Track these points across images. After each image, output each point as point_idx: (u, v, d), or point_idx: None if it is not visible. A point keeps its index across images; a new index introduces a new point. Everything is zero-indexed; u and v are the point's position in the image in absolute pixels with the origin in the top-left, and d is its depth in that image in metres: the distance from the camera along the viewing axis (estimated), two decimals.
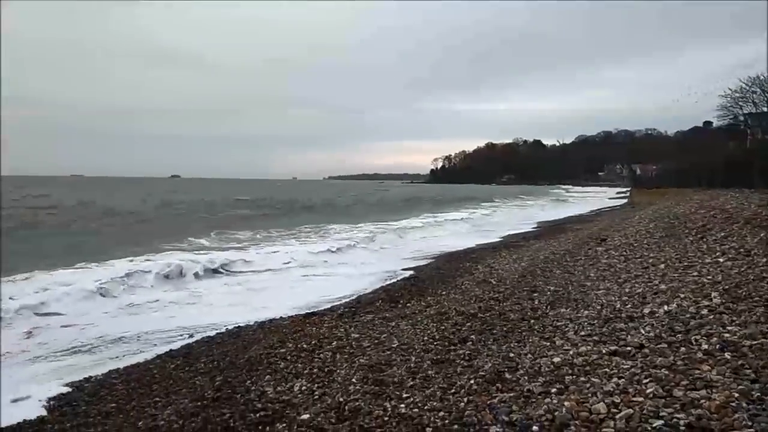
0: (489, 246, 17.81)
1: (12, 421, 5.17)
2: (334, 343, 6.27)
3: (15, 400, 5.71)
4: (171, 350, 7.41)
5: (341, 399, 4.20)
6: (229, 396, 4.85)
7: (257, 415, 4.28)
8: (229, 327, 8.38)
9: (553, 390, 3.99)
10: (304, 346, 6.30)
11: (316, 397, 4.42)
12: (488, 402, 3.93)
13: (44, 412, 5.40)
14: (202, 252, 16.61)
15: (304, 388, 4.76)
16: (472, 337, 5.78)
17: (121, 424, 5.01)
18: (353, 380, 4.58)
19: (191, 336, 8.15)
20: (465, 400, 4.01)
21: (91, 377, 6.48)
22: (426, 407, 3.96)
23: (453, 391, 4.23)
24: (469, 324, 6.39)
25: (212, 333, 8.17)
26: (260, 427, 4.05)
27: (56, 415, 5.37)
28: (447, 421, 3.71)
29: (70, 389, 6.06)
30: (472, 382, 4.34)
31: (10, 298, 9.60)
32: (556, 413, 3.58)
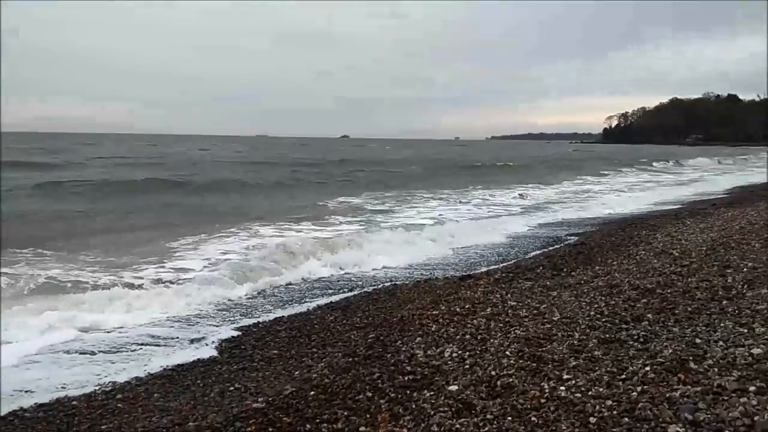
0: (669, 212, 15.98)
1: (188, 359, 5.65)
2: (489, 309, 5.94)
3: (192, 341, 6.26)
4: (331, 302, 7.66)
5: (493, 372, 3.88)
6: (380, 355, 4.79)
7: (406, 378, 4.15)
8: (386, 284, 8.46)
9: (752, 389, 3.30)
10: (458, 309, 6.06)
11: (467, 366, 4.15)
12: (667, 395, 3.36)
13: (215, 353, 5.85)
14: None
15: (454, 354, 4.52)
16: (649, 315, 5.08)
17: (280, 371, 5.23)
18: (507, 353, 4.22)
19: (351, 290, 8.37)
20: (638, 389, 3.48)
21: (259, 322, 6.91)
22: (590, 393, 3.49)
23: (624, 377, 3.70)
24: (645, 300, 5.65)
25: (370, 288, 8.32)
26: (407, 392, 3.91)
27: (225, 356, 5.78)
28: (615, 412, 3.23)
29: (240, 333, 6.50)
30: (647, 369, 3.76)
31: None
32: (757, 418, 2.94)
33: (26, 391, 4.95)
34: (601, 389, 3.54)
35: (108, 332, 6.58)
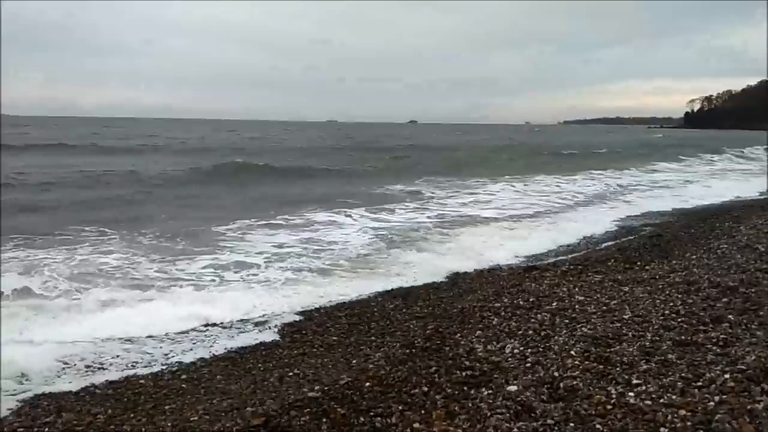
0: (756, 203, 14.90)
1: (251, 342, 5.76)
2: (555, 303, 5.70)
3: (256, 324, 6.37)
4: (392, 289, 7.60)
5: (556, 373, 3.69)
6: (438, 348, 4.68)
7: (463, 373, 4.03)
8: (449, 274, 8.27)
9: None
10: (521, 302, 5.85)
11: (528, 365, 3.98)
12: (748, 407, 3.09)
13: (278, 337, 5.93)
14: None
15: (516, 351, 4.35)
16: (730, 317, 4.70)
17: (338, 358, 5.24)
18: (572, 352, 4.01)
19: (415, 280, 8.20)
20: (716, 399, 3.21)
21: (320, 308, 6.95)
22: (662, 401, 3.26)
23: (700, 384, 3.43)
24: (725, 300, 5.24)
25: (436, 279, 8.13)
26: (465, 388, 3.79)
27: (287, 341, 5.85)
28: (689, 423, 2.99)
29: (301, 318, 6.57)
30: (726, 376, 3.47)
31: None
32: None
33: (99, 368, 5.18)
34: (674, 397, 3.29)
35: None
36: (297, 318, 6.57)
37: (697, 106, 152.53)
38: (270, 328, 6.26)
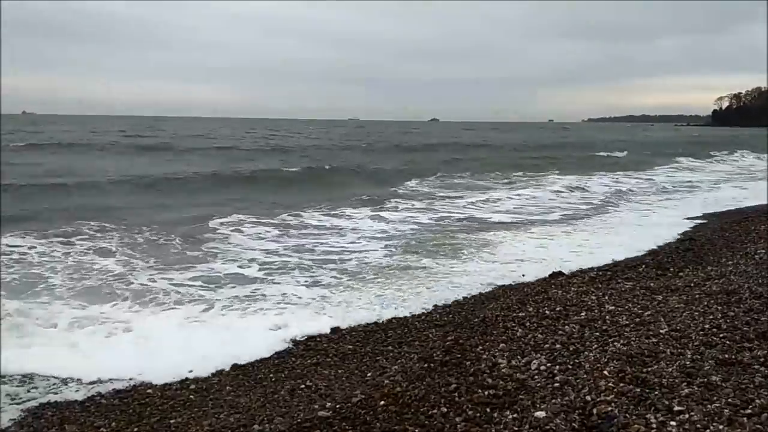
0: None
1: (258, 355, 5.45)
2: (584, 314, 5.35)
3: (272, 329, 6.08)
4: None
5: (588, 397, 3.36)
6: (458, 362, 4.39)
7: (486, 393, 3.73)
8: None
9: None
10: (547, 312, 5.52)
11: (557, 385, 3.66)
12: None
13: (291, 345, 5.69)
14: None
15: (542, 367, 4.04)
16: None
17: (353, 370, 4.98)
18: (605, 372, 3.67)
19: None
20: None
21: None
22: (708, 430, 2.93)
23: (749, 412, 3.08)
24: None
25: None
26: (487, 410, 3.50)
27: (301, 348, 5.61)
28: None
29: (317, 323, 6.31)
30: None
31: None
32: None
33: (106, 380, 4.95)
34: (721, 427, 2.96)
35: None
36: (313, 323, 6.31)
37: (725, 104, 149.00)
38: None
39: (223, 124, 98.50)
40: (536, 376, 3.91)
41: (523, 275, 7.87)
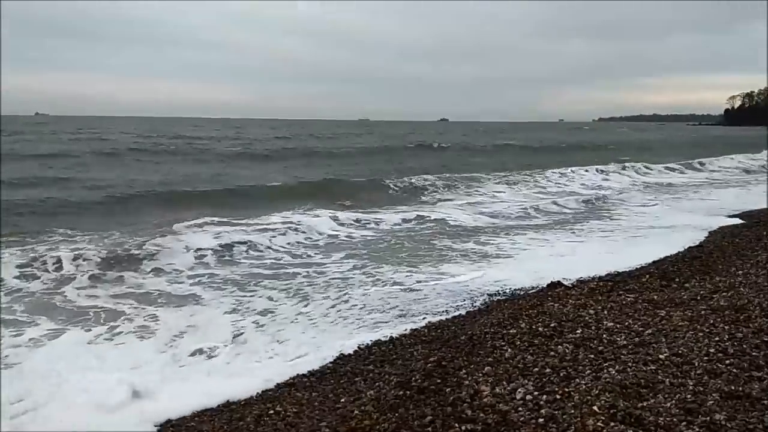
0: None
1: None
2: (579, 331, 4.95)
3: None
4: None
5: None
6: (438, 389, 4.01)
7: (463, 428, 3.36)
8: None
9: None
10: (540, 329, 5.12)
11: (541, 420, 3.27)
12: None
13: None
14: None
15: (528, 397, 3.66)
16: None
17: (328, 392, 4.62)
18: (595, 407, 3.28)
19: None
20: None
21: None
22: None
23: None
24: None
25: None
26: None
27: None
28: None
29: None
30: None
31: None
32: None
33: None
34: None
35: None
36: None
37: (737, 103, 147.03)
38: None
39: (246, 123, 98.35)
40: (521, 408, 3.52)
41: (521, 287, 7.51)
